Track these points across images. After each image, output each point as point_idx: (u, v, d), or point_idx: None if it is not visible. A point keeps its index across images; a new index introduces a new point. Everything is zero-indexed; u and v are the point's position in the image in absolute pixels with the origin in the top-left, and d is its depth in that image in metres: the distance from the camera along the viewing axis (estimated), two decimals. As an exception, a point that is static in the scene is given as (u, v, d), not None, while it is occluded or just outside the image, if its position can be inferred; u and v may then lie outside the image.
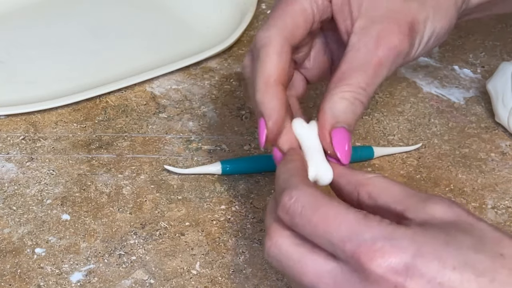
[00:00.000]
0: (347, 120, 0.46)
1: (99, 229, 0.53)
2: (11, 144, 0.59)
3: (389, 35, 0.47)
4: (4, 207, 0.54)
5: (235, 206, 0.55)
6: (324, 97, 0.47)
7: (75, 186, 0.56)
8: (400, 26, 0.47)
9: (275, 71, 0.46)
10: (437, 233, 0.38)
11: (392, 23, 0.47)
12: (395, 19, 0.47)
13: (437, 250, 0.37)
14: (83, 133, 0.60)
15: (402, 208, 0.41)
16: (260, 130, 0.46)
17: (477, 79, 0.66)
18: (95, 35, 0.70)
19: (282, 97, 0.46)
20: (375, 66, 0.46)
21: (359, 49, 0.47)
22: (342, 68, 0.47)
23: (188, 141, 0.60)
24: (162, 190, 0.56)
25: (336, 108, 0.46)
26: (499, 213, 0.55)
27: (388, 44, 0.47)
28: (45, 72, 0.66)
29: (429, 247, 0.37)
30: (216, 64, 0.67)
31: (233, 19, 0.70)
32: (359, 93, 0.46)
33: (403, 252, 0.37)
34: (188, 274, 0.51)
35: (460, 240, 0.38)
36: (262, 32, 0.47)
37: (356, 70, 0.46)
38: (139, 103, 0.63)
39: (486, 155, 0.60)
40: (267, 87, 0.46)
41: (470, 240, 0.38)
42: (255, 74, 0.47)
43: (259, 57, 0.47)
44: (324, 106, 0.46)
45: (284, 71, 0.47)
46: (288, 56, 0.47)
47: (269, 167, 0.57)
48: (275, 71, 0.46)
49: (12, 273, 0.50)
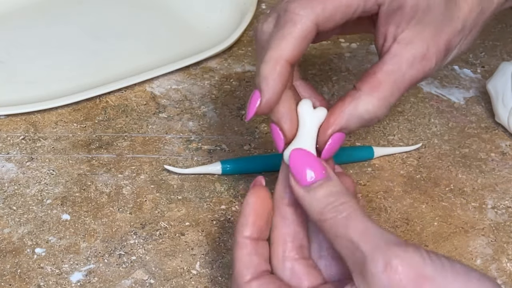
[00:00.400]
0: (354, 129, 0.46)
1: (99, 229, 0.53)
2: (11, 144, 0.59)
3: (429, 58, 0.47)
4: (4, 207, 0.54)
5: (235, 206, 0.55)
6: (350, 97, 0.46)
7: (75, 186, 0.56)
8: (439, 48, 0.47)
9: (290, 53, 0.44)
10: None
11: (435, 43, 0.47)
12: (439, 39, 0.47)
13: None
14: (83, 133, 0.60)
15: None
16: (251, 101, 0.45)
17: (477, 79, 0.66)
18: (95, 35, 0.70)
19: (285, 79, 0.45)
20: (406, 85, 0.46)
21: (397, 63, 0.46)
22: (378, 76, 0.46)
23: (188, 141, 0.60)
24: (162, 190, 0.56)
25: (353, 116, 0.46)
26: (499, 213, 0.55)
27: (425, 67, 0.47)
28: (45, 72, 0.66)
29: None
30: (216, 64, 0.67)
31: (233, 19, 0.70)
32: (381, 108, 0.46)
33: None
34: (188, 274, 0.51)
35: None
36: (299, 6, 0.45)
37: (389, 84, 0.46)
38: (139, 103, 0.63)
39: (486, 155, 0.60)
40: (275, 65, 0.44)
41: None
42: (270, 42, 0.45)
43: (282, 30, 0.45)
44: (343, 107, 0.46)
45: (299, 56, 0.45)
46: (309, 42, 0.45)
47: (269, 167, 0.57)
48: (290, 53, 0.44)
49: (12, 273, 0.50)
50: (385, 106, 0.46)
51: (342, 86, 0.65)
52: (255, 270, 0.44)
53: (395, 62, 0.46)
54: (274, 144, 0.47)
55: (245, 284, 0.44)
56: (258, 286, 0.44)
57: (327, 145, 0.46)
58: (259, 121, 0.62)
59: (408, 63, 0.46)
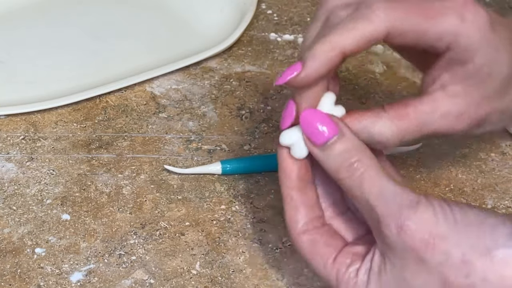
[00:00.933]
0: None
1: (99, 229, 0.53)
2: (11, 144, 0.59)
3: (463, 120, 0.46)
4: (4, 207, 0.54)
5: (235, 206, 0.55)
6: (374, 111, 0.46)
7: (75, 186, 0.56)
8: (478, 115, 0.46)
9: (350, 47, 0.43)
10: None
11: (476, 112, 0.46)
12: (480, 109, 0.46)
13: None
14: (83, 133, 0.60)
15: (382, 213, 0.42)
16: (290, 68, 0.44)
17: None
18: (95, 35, 0.70)
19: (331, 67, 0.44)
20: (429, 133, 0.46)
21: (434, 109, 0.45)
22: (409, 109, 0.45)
23: (188, 141, 0.60)
24: (162, 190, 0.56)
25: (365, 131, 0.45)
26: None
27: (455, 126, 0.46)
28: (45, 72, 0.66)
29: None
30: (216, 64, 0.67)
31: (233, 19, 0.70)
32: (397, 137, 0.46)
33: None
34: (188, 274, 0.51)
35: None
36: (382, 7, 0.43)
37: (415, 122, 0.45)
38: (139, 103, 0.63)
39: (486, 155, 0.60)
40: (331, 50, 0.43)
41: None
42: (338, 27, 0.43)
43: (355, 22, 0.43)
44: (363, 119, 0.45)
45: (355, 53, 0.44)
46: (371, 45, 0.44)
47: (269, 167, 0.57)
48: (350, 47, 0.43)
49: (12, 273, 0.50)
50: (398, 138, 0.45)
51: (342, 86, 0.65)
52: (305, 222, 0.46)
53: (431, 106, 0.46)
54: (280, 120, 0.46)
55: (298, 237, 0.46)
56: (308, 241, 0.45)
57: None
58: (259, 121, 0.62)
59: (443, 114, 0.46)
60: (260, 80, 0.66)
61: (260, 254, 0.52)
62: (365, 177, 0.43)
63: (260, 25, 0.71)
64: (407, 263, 0.41)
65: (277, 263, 0.51)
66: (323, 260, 0.45)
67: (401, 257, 0.41)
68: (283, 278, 0.51)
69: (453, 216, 0.41)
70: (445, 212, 0.41)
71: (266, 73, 0.66)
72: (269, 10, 0.74)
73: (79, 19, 0.72)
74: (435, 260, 0.40)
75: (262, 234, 0.53)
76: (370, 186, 0.42)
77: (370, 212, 0.42)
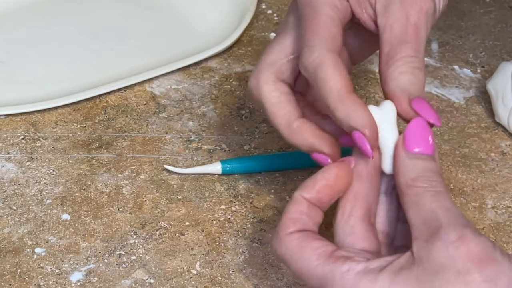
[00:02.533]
0: (417, 90, 0.46)
1: (99, 229, 0.53)
2: (11, 144, 0.59)
3: (412, 2, 0.47)
4: (4, 207, 0.54)
5: (235, 206, 0.55)
6: (383, 81, 0.47)
7: (75, 186, 0.56)
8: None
9: (341, 83, 0.45)
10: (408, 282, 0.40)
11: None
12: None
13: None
14: (83, 133, 0.60)
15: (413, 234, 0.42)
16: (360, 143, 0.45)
17: (477, 79, 0.66)
18: (95, 35, 0.70)
19: (362, 103, 0.45)
20: (414, 33, 0.47)
21: (391, 26, 0.47)
22: (385, 50, 0.47)
23: (188, 141, 0.60)
24: (162, 190, 0.56)
25: (402, 83, 0.46)
26: (499, 213, 0.55)
27: (416, 8, 0.47)
28: (45, 72, 0.66)
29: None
30: (216, 64, 0.67)
31: (233, 19, 0.70)
32: (413, 61, 0.46)
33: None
34: (188, 274, 0.51)
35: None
36: (307, 56, 0.46)
37: (399, 45, 0.46)
38: (139, 103, 0.63)
39: (486, 155, 0.60)
40: (344, 100, 0.45)
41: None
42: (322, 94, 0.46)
43: (318, 79, 0.45)
44: (389, 87, 0.46)
45: (348, 79, 0.46)
46: (342, 64, 0.46)
47: (269, 167, 0.57)
48: (341, 83, 0.45)
49: (12, 273, 0.50)
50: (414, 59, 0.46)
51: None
52: (301, 227, 0.44)
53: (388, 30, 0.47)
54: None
55: (286, 236, 0.43)
56: (299, 237, 0.43)
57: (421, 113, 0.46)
58: (259, 121, 0.62)
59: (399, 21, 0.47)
60: (260, 80, 0.65)
61: (260, 254, 0.52)
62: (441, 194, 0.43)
63: (260, 25, 0.71)
64: (445, 271, 0.40)
65: (277, 263, 0.51)
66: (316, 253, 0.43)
67: (441, 264, 0.40)
68: (283, 278, 0.51)
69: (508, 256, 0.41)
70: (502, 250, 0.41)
71: (266, 73, 0.66)
72: (269, 10, 0.74)
73: (79, 19, 0.72)
74: (479, 278, 0.39)
75: (262, 234, 0.53)
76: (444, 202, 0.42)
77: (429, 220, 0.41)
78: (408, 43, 0.46)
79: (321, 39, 0.46)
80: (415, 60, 0.46)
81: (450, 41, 0.70)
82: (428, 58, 0.68)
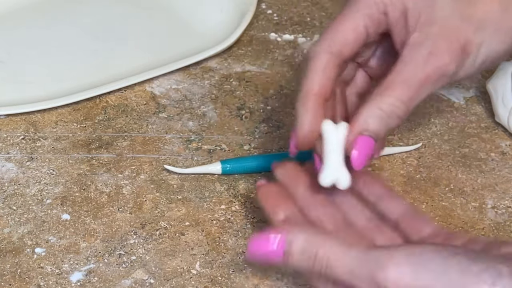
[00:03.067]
0: (376, 130, 0.47)
1: (99, 229, 0.53)
2: (11, 144, 0.59)
3: (439, 54, 0.47)
4: (4, 206, 0.54)
5: (235, 206, 0.55)
6: (365, 102, 0.47)
7: (75, 186, 0.56)
8: (451, 46, 0.47)
9: (316, 86, 0.48)
10: None
11: (444, 41, 0.47)
12: (449, 38, 0.47)
13: None
14: (83, 133, 0.60)
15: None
16: (291, 138, 0.50)
17: (477, 79, 0.66)
18: (95, 35, 0.70)
19: (316, 111, 0.48)
20: (420, 83, 0.47)
21: (408, 63, 0.47)
22: (389, 78, 0.47)
23: (188, 141, 0.60)
24: (162, 190, 0.56)
25: (370, 117, 0.46)
26: (499, 213, 0.55)
27: (436, 63, 0.47)
28: (45, 72, 0.66)
29: None
30: (216, 64, 0.67)
31: (233, 19, 0.70)
32: (397, 106, 0.47)
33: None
34: (188, 274, 0.51)
35: None
36: (314, 46, 0.49)
37: (401, 83, 0.47)
38: (139, 103, 0.63)
39: (486, 155, 0.60)
40: (306, 100, 0.48)
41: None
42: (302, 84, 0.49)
43: (306, 70, 0.49)
44: (360, 111, 0.47)
45: (325, 86, 0.48)
46: (332, 71, 0.48)
47: (269, 167, 0.57)
48: (316, 86, 0.48)
49: (12, 273, 0.50)
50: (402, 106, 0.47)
51: (342, 86, 0.65)
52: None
53: (404, 62, 0.47)
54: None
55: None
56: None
57: (354, 152, 0.46)
58: (259, 121, 0.62)
59: (418, 62, 0.47)
60: (260, 80, 0.66)
61: (260, 254, 0.52)
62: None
63: (260, 25, 0.71)
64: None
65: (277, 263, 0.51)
66: None
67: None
68: (283, 278, 0.51)
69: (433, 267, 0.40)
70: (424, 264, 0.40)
71: (266, 73, 0.66)
72: (269, 10, 0.74)
73: (79, 19, 0.72)
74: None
75: (262, 234, 0.53)
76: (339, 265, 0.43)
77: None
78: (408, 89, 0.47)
79: (332, 41, 0.49)
80: (400, 107, 0.47)
81: (450, 41, 0.70)
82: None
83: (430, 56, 0.47)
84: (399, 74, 0.47)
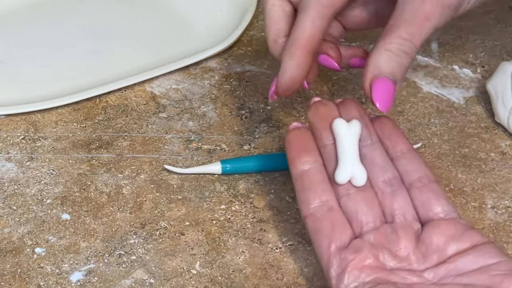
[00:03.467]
0: (391, 70, 0.47)
1: (99, 229, 0.53)
2: (11, 144, 0.59)
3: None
4: (4, 206, 0.55)
5: (235, 206, 0.55)
6: (372, 48, 0.48)
7: (75, 186, 0.56)
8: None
9: (304, 35, 0.49)
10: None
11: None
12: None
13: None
14: (83, 133, 0.60)
15: None
16: (272, 84, 0.51)
17: (477, 79, 0.66)
18: (95, 35, 0.70)
19: (301, 60, 0.49)
20: (421, 20, 0.47)
21: (406, 2, 0.47)
22: (390, 22, 0.48)
23: (188, 141, 0.60)
24: (162, 190, 0.56)
25: (380, 60, 0.47)
26: (499, 213, 0.55)
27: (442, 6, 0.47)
28: (45, 72, 0.66)
29: None
30: (216, 64, 0.67)
31: (233, 19, 0.70)
32: (403, 44, 0.47)
33: None
34: (188, 273, 0.51)
35: None
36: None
37: (402, 23, 0.47)
38: (139, 103, 0.63)
39: (486, 155, 0.60)
40: (292, 48, 0.49)
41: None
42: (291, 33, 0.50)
43: (297, 20, 0.49)
44: (369, 57, 0.47)
45: (313, 38, 0.49)
46: (322, 23, 0.49)
47: (269, 167, 0.57)
48: (304, 35, 0.49)
49: (12, 273, 0.50)
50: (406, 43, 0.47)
51: (342, 86, 0.65)
52: None
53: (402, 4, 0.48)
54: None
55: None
56: None
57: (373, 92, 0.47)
58: (259, 121, 0.62)
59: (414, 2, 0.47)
60: (260, 80, 0.66)
61: (260, 254, 0.52)
62: None
63: (260, 25, 0.71)
64: None
65: (277, 263, 0.51)
66: None
67: None
68: (283, 278, 0.51)
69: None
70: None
71: (266, 73, 0.66)
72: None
73: (79, 19, 0.72)
74: None
75: (262, 234, 0.53)
76: None
77: None
78: (410, 27, 0.47)
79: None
80: (406, 44, 0.47)
81: (450, 41, 0.70)
82: (428, 58, 0.68)
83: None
84: (399, 15, 0.47)
